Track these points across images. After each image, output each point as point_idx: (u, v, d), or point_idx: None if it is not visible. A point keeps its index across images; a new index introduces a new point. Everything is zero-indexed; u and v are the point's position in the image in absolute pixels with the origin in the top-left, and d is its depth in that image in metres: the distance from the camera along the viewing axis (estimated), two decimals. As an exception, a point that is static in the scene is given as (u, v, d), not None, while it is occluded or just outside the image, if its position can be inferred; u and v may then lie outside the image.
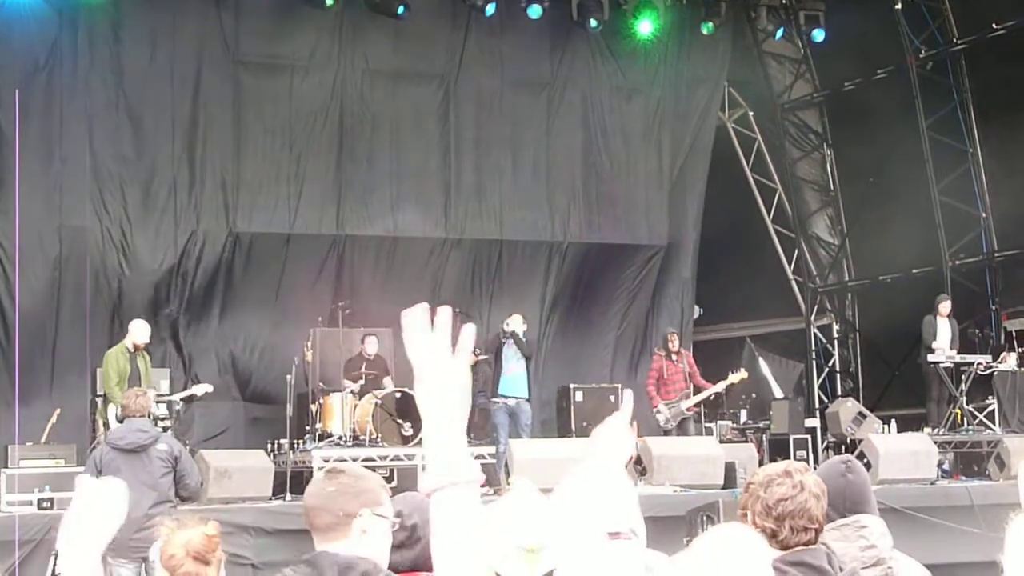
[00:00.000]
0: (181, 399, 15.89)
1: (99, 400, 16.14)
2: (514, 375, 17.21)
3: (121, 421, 12.64)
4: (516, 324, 17.36)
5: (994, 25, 19.79)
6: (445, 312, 3.59)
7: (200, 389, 16.05)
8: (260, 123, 19.75)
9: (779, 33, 21.68)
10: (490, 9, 19.54)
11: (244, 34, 19.52)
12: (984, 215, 20.70)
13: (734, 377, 18.20)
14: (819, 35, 21.58)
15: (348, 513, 4.14)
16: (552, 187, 20.83)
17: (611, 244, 21.44)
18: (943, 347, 17.90)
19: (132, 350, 15.14)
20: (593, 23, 20.25)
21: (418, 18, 19.65)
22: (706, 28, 21.12)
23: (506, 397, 17.11)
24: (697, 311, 22.44)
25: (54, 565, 11.20)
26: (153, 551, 4.96)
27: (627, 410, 3.68)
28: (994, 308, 20.29)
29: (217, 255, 19.56)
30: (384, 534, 4.15)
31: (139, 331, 15.27)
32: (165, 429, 13.45)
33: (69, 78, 18.70)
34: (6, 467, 14.69)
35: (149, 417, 12.43)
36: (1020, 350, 18.83)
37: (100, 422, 15.80)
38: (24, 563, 11.31)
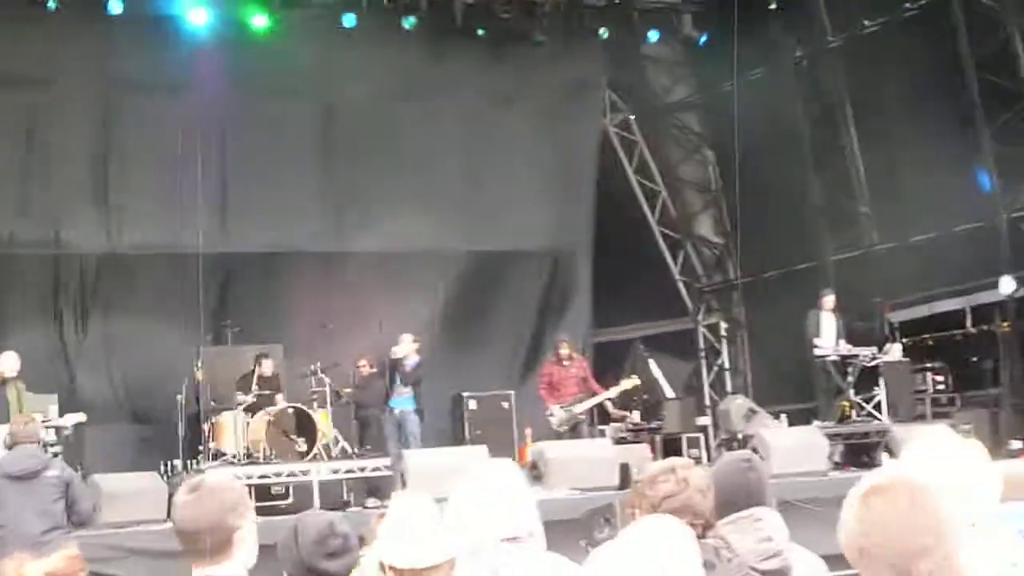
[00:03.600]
0: (71, 424, 15.69)
1: None
2: (401, 397, 17.58)
3: (10, 448, 12.00)
4: (405, 346, 17.59)
5: (865, 23, 19.99)
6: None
7: (72, 419, 15.85)
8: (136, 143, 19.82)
9: (655, 36, 21.89)
10: (348, 20, 19.76)
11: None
12: (863, 208, 21.04)
13: (626, 384, 18.41)
14: (701, 39, 21.99)
15: (233, 528, 4.17)
16: (440, 196, 21.08)
17: (498, 252, 21.84)
18: (828, 340, 18.13)
19: (4, 381, 15.10)
20: (480, 31, 20.73)
21: (287, 36, 19.94)
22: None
23: (392, 409, 17.47)
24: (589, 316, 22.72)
25: None
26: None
27: None
28: (876, 300, 20.33)
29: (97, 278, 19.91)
30: (255, 539, 4.15)
31: (9, 362, 15.21)
32: (55, 455, 13.35)
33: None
34: None
35: (39, 444, 12.28)
36: (904, 341, 19.22)
37: None
38: None
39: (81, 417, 15.82)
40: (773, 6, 21.07)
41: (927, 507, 2.64)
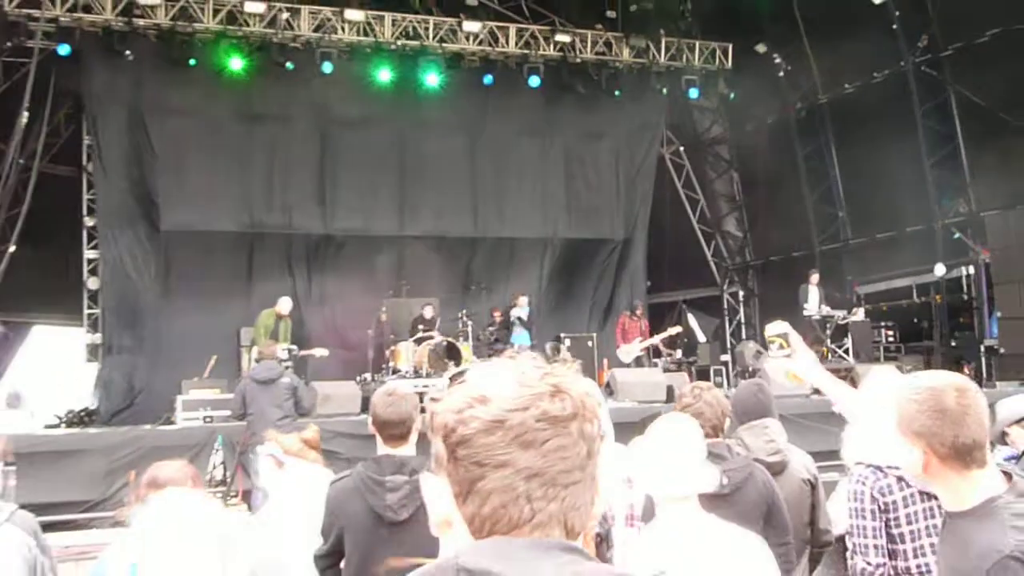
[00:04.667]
0: (303, 353, 16.18)
1: (244, 349, 17.02)
2: (520, 335, 18.42)
3: (258, 362, 12.89)
4: (521, 305, 18.70)
5: (846, 86, 20.52)
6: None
7: (318, 352, 16.39)
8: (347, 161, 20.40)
9: (695, 93, 21.91)
10: (487, 80, 20.55)
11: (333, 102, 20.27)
12: (841, 213, 21.44)
13: (671, 330, 18.93)
14: (731, 96, 22.06)
15: (413, 420, 4.51)
16: (544, 200, 21.52)
17: (584, 239, 21.98)
18: (813, 305, 18.47)
19: (278, 317, 15.92)
20: (580, 88, 20.93)
21: (448, 90, 20.48)
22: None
23: (514, 344, 17.90)
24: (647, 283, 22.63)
25: (215, 458, 12.46)
26: (261, 450, 6.06)
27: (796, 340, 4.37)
28: (848, 277, 20.90)
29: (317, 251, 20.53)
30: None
31: (285, 305, 16.02)
32: (288, 367, 13.64)
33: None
34: (181, 394, 15.04)
35: (277, 360, 12.81)
36: (866, 306, 19.73)
37: (244, 362, 16.68)
38: (194, 459, 11.35)
39: (324, 352, 16.50)
40: (781, 73, 21.45)
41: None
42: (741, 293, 24.44)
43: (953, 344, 18.19)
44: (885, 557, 4.55)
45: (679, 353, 19.63)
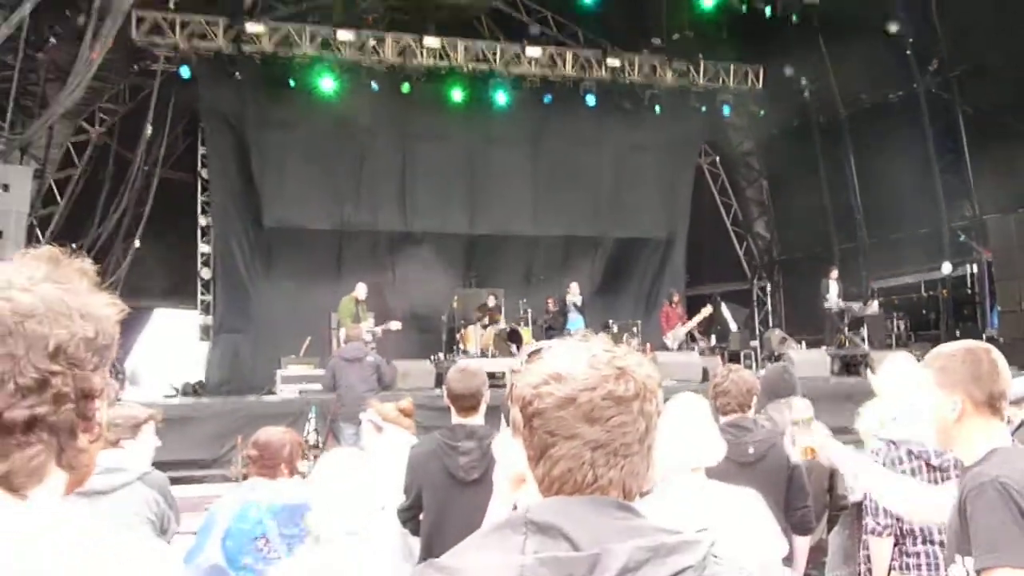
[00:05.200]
0: (381, 330, 15.98)
1: (333, 331, 16.82)
2: (574, 322, 17.96)
3: (346, 343, 13.11)
4: (574, 292, 18.34)
5: (865, 103, 20.30)
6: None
7: (394, 325, 16.16)
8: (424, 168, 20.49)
9: (728, 110, 21.83)
10: (547, 99, 20.63)
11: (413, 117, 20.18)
12: (858, 216, 21.06)
13: (704, 311, 18.45)
14: (760, 112, 22.18)
15: (483, 395, 4.53)
16: (595, 203, 21.40)
17: (631, 238, 21.99)
18: (833, 298, 18.27)
19: (357, 302, 15.77)
20: (627, 105, 20.99)
21: (515, 108, 20.55)
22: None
23: (569, 329, 17.62)
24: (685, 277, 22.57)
25: (309, 425, 12.79)
26: (363, 416, 6.11)
27: None
28: (864, 274, 20.69)
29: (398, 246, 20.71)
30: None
31: (362, 291, 15.84)
32: (372, 347, 13.70)
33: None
34: (280, 369, 15.34)
35: (363, 341, 12.90)
36: (880, 299, 19.19)
37: (334, 343, 16.47)
38: (291, 426, 11.34)
39: (398, 324, 16.31)
40: (806, 94, 21.41)
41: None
42: (768, 287, 24.16)
43: (958, 334, 17.33)
44: (892, 519, 4.58)
45: (713, 339, 19.37)
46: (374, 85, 19.61)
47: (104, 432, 1.40)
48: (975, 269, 18.73)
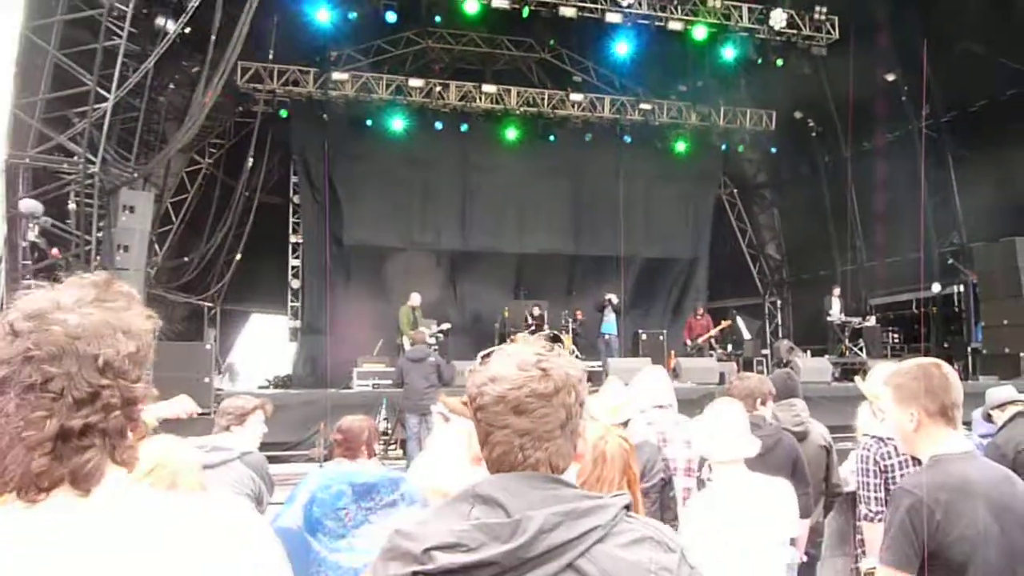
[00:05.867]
0: (441, 332, 16.20)
1: (399, 334, 16.54)
2: (610, 322, 17.92)
3: (412, 346, 12.94)
4: (612, 297, 18.09)
5: (865, 144, 20.10)
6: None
7: (444, 325, 16.37)
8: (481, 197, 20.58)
9: (741, 148, 22.08)
10: (587, 137, 20.59)
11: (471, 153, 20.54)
12: (858, 242, 20.76)
13: (724, 324, 18.38)
14: (772, 149, 22.10)
15: None
16: (629, 227, 20.65)
17: (659, 258, 21.73)
18: (835, 313, 18.10)
19: (413, 309, 15.89)
20: (658, 144, 21.18)
21: (559, 144, 20.81)
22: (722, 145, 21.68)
23: (605, 334, 17.86)
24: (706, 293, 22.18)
25: (381, 415, 12.22)
26: (435, 407, 5.69)
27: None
28: (863, 292, 20.49)
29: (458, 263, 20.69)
30: None
31: (416, 299, 15.96)
32: (434, 349, 13.70)
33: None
34: (356, 367, 15.00)
35: (426, 344, 12.94)
36: (876, 315, 19.09)
37: (401, 345, 16.11)
38: (365, 415, 11.57)
39: (447, 325, 16.48)
40: (813, 135, 21.17)
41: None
42: (779, 302, 23.84)
43: (945, 346, 17.60)
44: (882, 506, 4.60)
45: (729, 347, 19.13)
46: (438, 124, 19.79)
47: (147, 430, 1.47)
48: (961, 289, 18.45)
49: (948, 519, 2.62)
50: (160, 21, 15.31)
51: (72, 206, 11.60)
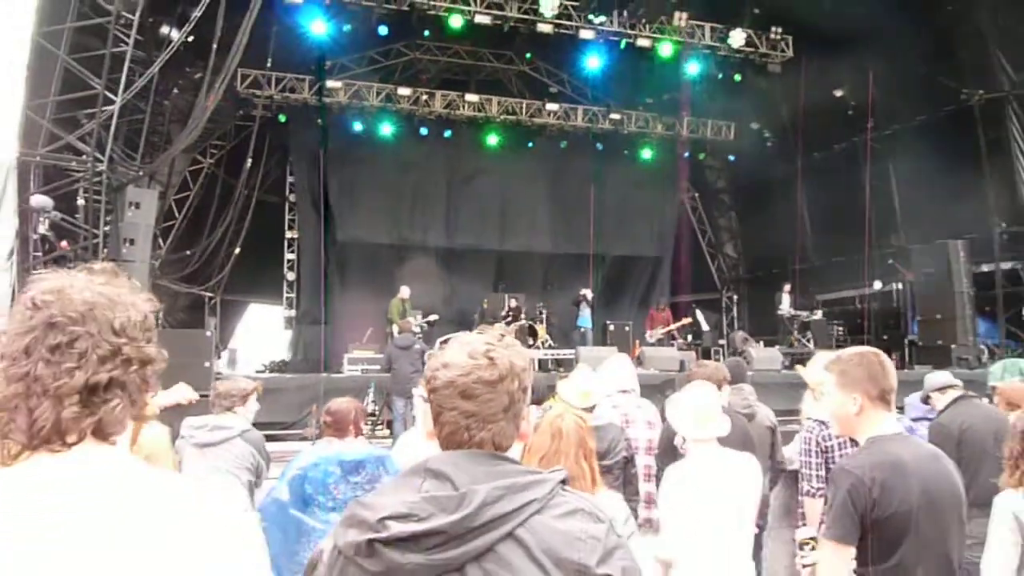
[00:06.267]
0: (425, 322, 15.57)
1: (388, 323, 16.42)
2: (585, 316, 17.83)
3: (399, 334, 12.78)
4: (587, 294, 18.07)
5: (815, 155, 19.93)
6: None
7: (432, 317, 15.90)
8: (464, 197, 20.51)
9: (703, 156, 22.22)
10: (562, 145, 20.54)
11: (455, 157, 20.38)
12: (808, 244, 20.46)
13: (684, 320, 18.38)
14: (731, 158, 22.15)
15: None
16: (600, 227, 20.47)
17: (629, 256, 21.71)
18: (785, 307, 18.07)
19: (403, 301, 15.61)
20: (625, 152, 21.16)
21: (537, 150, 20.76)
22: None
23: (581, 328, 17.82)
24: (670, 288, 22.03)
25: (369, 398, 12.08)
26: (417, 390, 6.93)
27: None
28: (811, 289, 20.12)
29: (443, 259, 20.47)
30: None
31: (406, 292, 15.70)
32: (419, 337, 13.26)
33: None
34: (347, 353, 14.95)
35: (412, 332, 12.82)
36: (823, 309, 18.83)
37: (389, 334, 15.98)
38: (354, 398, 11.37)
39: (435, 317, 16.05)
40: (768, 144, 21.09)
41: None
42: (735, 297, 23.92)
43: (884, 338, 17.23)
44: (823, 483, 4.72)
45: (690, 337, 19.09)
46: (423, 130, 19.71)
47: (155, 389, 1.52)
48: (900, 287, 18.53)
49: (884, 496, 2.65)
50: (165, 29, 15.20)
51: (81, 202, 11.48)
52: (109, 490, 1.30)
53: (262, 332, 20.83)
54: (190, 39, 12.98)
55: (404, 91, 19.05)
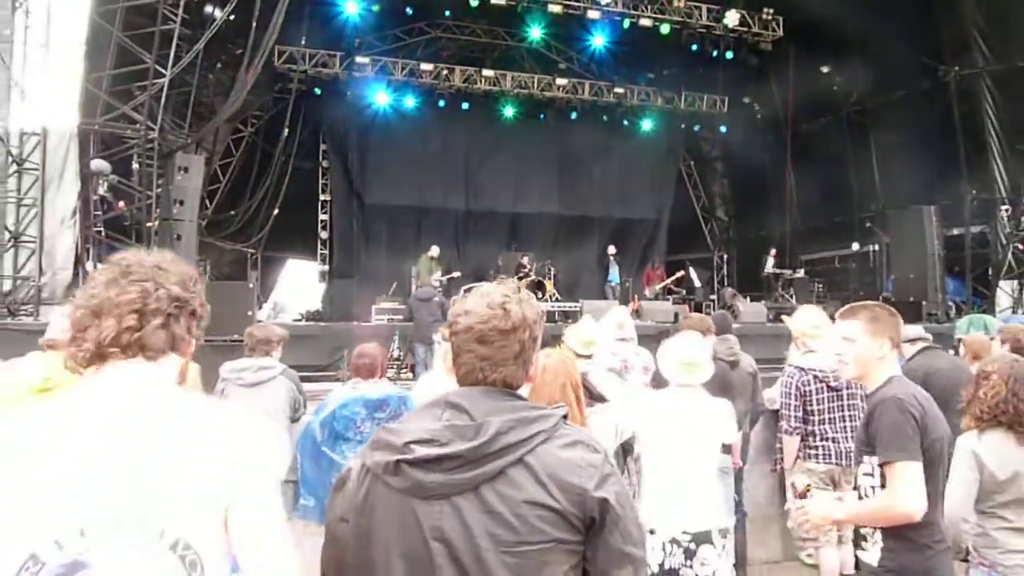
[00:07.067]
0: (447, 278, 15.71)
1: (413, 279, 16.49)
2: (614, 273, 18.15)
3: (420, 288, 12.95)
4: (612, 249, 18.47)
5: (803, 126, 19.45)
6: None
7: (455, 273, 15.96)
8: (482, 165, 20.46)
9: (698, 128, 21.85)
10: (573, 115, 20.11)
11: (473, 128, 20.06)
12: (793, 208, 20.08)
13: (678, 275, 18.29)
14: (723, 129, 21.98)
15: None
16: (604, 192, 20.86)
17: (629, 218, 21.45)
18: (770, 266, 18.04)
19: (431, 258, 15.57)
20: (625, 123, 20.93)
21: (548, 122, 20.30)
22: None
23: (612, 282, 18.09)
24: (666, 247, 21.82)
25: (394, 344, 12.32)
26: (436, 337, 6.45)
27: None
28: (795, 249, 19.51)
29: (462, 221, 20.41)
30: None
31: (435, 251, 15.67)
32: (439, 291, 13.24)
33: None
34: (375, 304, 14.88)
35: (432, 286, 13.10)
36: (805, 268, 18.67)
37: (412, 287, 16.07)
38: (381, 344, 10.94)
39: (457, 273, 16.09)
40: (759, 117, 20.76)
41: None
42: (725, 256, 23.65)
43: (861, 294, 17.07)
44: (800, 423, 4.78)
45: (684, 293, 18.92)
46: (441, 102, 19.47)
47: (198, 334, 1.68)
48: (876, 248, 18.24)
49: (930, 424, 2.64)
50: (209, 9, 15.07)
51: (135, 166, 11.61)
52: (159, 395, 1.52)
53: (298, 285, 20.84)
54: (231, 18, 12.91)
55: (426, 66, 18.85)
